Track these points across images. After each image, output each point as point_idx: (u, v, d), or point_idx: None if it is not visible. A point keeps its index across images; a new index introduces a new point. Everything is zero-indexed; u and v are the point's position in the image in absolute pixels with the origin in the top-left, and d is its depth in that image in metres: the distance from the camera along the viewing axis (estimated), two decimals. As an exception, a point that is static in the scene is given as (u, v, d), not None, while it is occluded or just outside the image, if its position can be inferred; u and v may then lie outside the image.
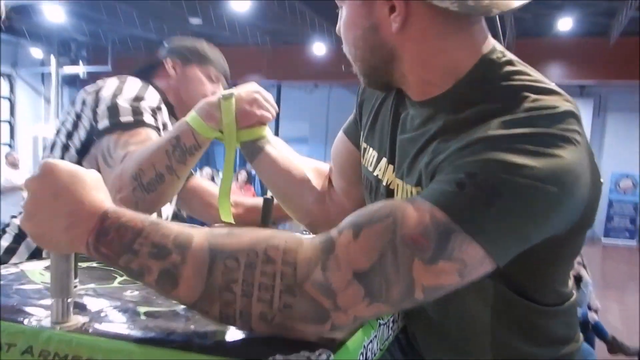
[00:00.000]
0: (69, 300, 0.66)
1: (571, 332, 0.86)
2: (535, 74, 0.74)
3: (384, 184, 0.86)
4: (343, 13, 0.80)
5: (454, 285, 0.64)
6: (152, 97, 1.25)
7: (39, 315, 0.68)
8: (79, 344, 0.62)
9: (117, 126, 1.15)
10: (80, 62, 10.50)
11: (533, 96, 0.69)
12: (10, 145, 10.78)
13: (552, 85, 0.73)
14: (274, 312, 0.60)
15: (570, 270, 0.84)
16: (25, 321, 0.66)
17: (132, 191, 1.03)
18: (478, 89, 0.73)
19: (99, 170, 1.16)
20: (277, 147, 1.09)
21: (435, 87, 0.76)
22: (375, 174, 0.89)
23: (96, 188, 0.65)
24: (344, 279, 0.60)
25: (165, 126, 1.28)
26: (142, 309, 0.71)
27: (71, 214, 0.63)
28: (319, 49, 9.73)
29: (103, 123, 1.16)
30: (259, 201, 1.47)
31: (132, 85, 1.24)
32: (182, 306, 0.69)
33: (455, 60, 0.74)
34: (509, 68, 0.74)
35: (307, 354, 0.57)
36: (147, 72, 1.40)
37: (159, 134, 1.19)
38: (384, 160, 0.87)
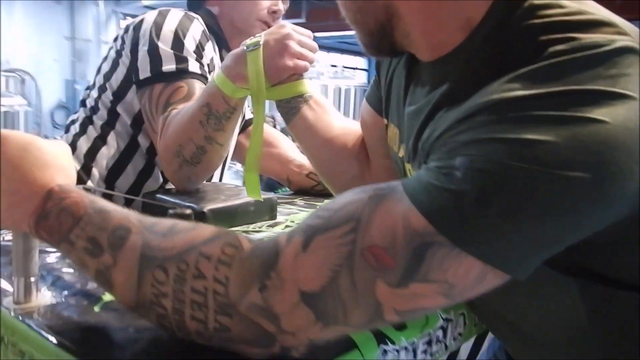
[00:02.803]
0: (32, 279, 0.61)
1: None
2: (574, 4, 0.49)
3: (402, 166, 0.68)
4: None
5: (442, 305, 0.48)
6: (195, 34, 1.08)
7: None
8: (18, 331, 0.57)
9: (158, 77, 1.03)
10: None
11: (567, 35, 0.46)
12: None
13: (600, 14, 0.48)
14: (211, 333, 0.49)
15: None
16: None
17: (179, 167, 0.96)
18: (493, 38, 0.51)
19: (138, 122, 1.11)
20: (315, 109, 0.89)
21: (445, 44, 0.56)
22: (400, 155, 0.70)
23: (49, 164, 0.58)
24: (288, 301, 0.47)
25: (211, 65, 1.12)
26: (106, 298, 0.63)
27: (13, 191, 0.56)
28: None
29: (144, 72, 1.04)
30: None
31: (173, 21, 1.08)
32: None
33: (465, 8, 0.53)
34: (533, 2, 0.50)
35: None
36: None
37: (204, 82, 1.05)
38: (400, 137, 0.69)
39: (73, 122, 1.20)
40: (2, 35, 8.02)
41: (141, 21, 1.11)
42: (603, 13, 0.49)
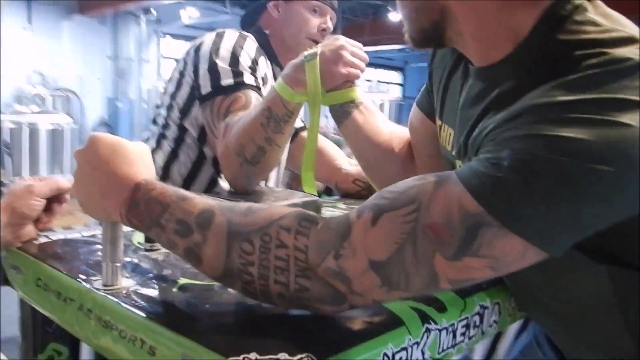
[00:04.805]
0: (118, 264, 0.71)
1: None
2: (610, 23, 0.57)
3: (456, 164, 0.75)
4: None
5: (489, 277, 0.56)
6: (249, 51, 1.20)
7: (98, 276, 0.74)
8: (109, 308, 0.66)
9: (218, 91, 1.14)
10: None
11: (599, 50, 0.54)
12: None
13: (629, 31, 0.56)
14: (291, 293, 0.58)
15: None
16: (88, 280, 0.73)
17: (240, 167, 1.06)
18: (537, 51, 0.59)
19: (204, 135, 1.22)
20: (364, 113, 1.00)
21: (496, 51, 0.64)
22: (453, 153, 0.77)
23: (135, 161, 0.68)
24: (359, 267, 0.56)
25: (265, 78, 1.23)
26: (182, 281, 0.72)
27: (106, 184, 0.66)
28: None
29: (205, 88, 1.16)
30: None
31: (229, 40, 1.20)
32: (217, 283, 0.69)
33: (516, 19, 0.61)
34: (577, 18, 0.58)
35: (286, 357, 0.52)
36: (253, 18, 1.36)
37: (259, 93, 1.16)
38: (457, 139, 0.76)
39: (148, 139, 1.32)
40: (51, 57, 8.36)
41: (201, 43, 1.22)
42: (631, 30, 0.58)
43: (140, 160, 0.69)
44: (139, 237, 0.93)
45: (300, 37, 1.30)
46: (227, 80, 1.15)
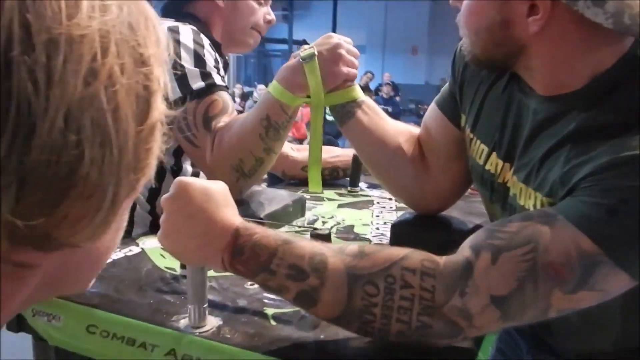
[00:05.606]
0: (205, 306, 0.70)
1: None
2: None
3: (500, 181, 0.81)
4: None
5: (590, 305, 0.63)
6: (209, 48, 1.12)
7: (177, 315, 0.72)
8: (217, 351, 0.66)
9: (190, 95, 1.05)
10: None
11: None
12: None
13: None
14: (412, 331, 0.62)
15: None
16: (165, 322, 0.71)
17: (236, 181, 1.04)
18: (619, 88, 0.66)
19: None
20: (368, 113, 0.98)
21: (568, 83, 0.70)
22: (487, 168, 0.83)
23: (226, 204, 0.67)
24: (481, 303, 0.61)
25: (224, 77, 1.17)
26: (269, 312, 0.74)
27: (204, 233, 0.65)
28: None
29: (174, 93, 1.03)
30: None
31: (186, 38, 1.09)
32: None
33: (597, 56, 0.67)
34: None
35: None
36: (182, 4, 1.23)
37: (228, 91, 1.12)
38: (495, 155, 0.81)
39: None
40: None
41: None
42: None
43: (227, 202, 0.67)
44: (166, 262, 0.90)
45: (247, 29, 1.25)
46: (197, 83, 1.07)
